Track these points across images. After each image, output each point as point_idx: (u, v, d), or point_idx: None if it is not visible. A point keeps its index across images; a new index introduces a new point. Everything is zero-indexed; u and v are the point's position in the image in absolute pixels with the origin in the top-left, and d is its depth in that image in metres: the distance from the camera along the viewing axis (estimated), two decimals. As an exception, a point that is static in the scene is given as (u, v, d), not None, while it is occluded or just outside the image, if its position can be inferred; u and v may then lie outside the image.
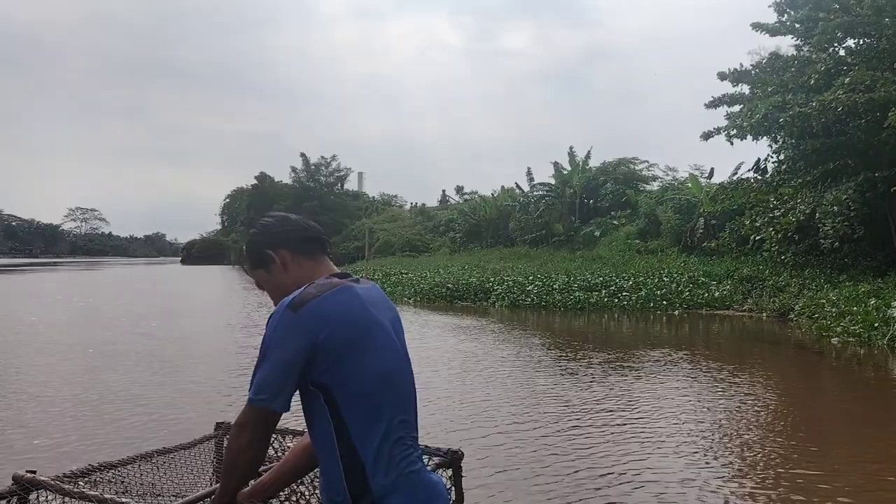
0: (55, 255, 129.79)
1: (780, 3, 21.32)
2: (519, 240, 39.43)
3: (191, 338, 14.52)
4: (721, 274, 22.57)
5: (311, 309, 1.63)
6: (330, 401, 1.64)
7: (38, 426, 7.08)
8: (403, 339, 1.85)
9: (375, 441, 1.64)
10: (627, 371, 10.71)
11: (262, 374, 1.63)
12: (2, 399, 8.33)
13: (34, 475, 1.78)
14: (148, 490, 1.96)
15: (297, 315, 1.62)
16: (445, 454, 2.24)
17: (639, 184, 38.94)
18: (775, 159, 22.81)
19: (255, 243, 1.85)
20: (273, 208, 68.72)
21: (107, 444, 6.34)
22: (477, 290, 24.84)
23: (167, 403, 8.20)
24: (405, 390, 1.76)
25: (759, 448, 6.54)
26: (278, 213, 1.91)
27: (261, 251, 1.83)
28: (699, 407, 8.29)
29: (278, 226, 1.85)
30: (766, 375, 10.57)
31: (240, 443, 1.63)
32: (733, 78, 22.04)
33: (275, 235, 1.83)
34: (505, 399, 8.60)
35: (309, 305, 1.63)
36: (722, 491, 5.32)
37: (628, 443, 6.59)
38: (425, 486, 1.71)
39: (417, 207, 69.05)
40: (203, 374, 10.32)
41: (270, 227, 1.85)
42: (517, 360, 11.72)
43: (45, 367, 10.55)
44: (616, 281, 23.11)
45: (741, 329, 17.23)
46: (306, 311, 1.63)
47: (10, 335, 14.24)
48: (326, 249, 1.89)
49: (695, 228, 27.57)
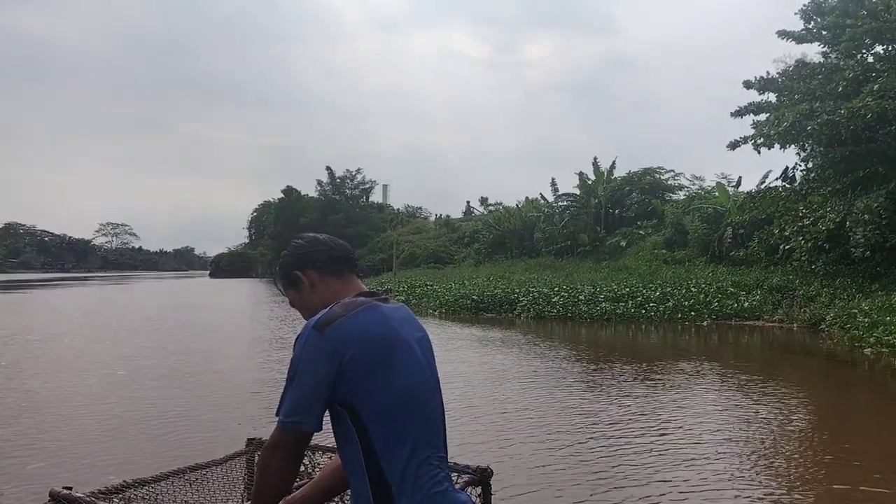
0: (86, 269, 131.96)
1: (806, 11, 21.13)
2: (544, 251, 39.28)
3: (219, 352, 14.67)
4: (750, 284, 22.28)
5: (337, 329, 1.66)
6: (356, 420, 1.65)
7: (70, 443, 7.20)
8: (432, 360, 1.86)
9: (401, 461, 1.65)
10: (656, 384, 10.62)
11: (291, 396, 1.66)
12: (34, 415, 8.48)
13: (70, 492, 1.82)
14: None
15: (323, 335, 1.65)
16: (474, 472, 2.23)
17: (665, 193, 38.65)
18: (804, 167, 22.55)
19: (285, 265, 1.91)
20: (299, 222, 69.69)
21: (139, 460, 6.43)
22: (502, 301, 24.78)
23: (198, 419, 8.30)
24: (432, 410, 1.77)
25: (795, 462, 6.45)
26: (309, 235, 1.97)
27: (290, 272, 1.89)
28: (730, 421, 8.18)
29: (306, 247, 1.91)
30: (798, 387, 10.41)
31: (273, 465, 1.65)
32: (759, 86, 21.85)
33: (302, 257, 1.89)
34: (533, 414, 8.56)
35: (334, 325, 1.66)
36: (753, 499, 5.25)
37: (660, 458, 6.52)
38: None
39: (442, 219, 69.15)
40: (232, 389, 10.42)
41: (299, 248, 1.92)
42: (544, 374, 11.67)
43: (76, 384, 10.72)
44: (643, 291, 22.92)
45: (771, 340, 16.99)
46: (332, 331, 1.65)
47: (41, 351, 14.50)
48: (354, 268, 1.93)
49: (723, 238, 27.28)
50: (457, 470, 2.13)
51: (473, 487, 2.17)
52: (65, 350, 14.49)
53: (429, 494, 1.66)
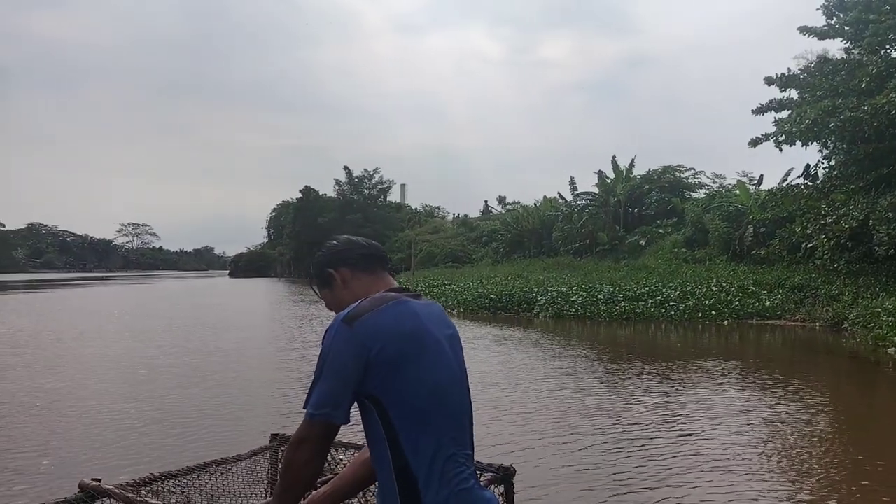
0: (108, 269, 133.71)
1: (828, 6, 20.90)
2: (562, 250, 39.18)
3: (241, 351, 14.77)
4: (772, 283, 22.05)
5: (365, 322, 1.66)
6: (382, 414, 1.66)
7: (98, 438, 7.30)
8: (461, 358, 1.86)
9: (427, 457, 1.65)
10: (678, 384, 10.54)
11: (319, 389, 1.66)
12: (59, 412, 8.60)
13: (99, 483, 1.84)
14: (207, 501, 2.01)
15: (352, 328, 1.66)
16: (497, 470, 2.23)
17: (685, 192, 38.40)
18: (826, 165, 22.31)
19: (319, 264, 1.94)
20: (317, 221, 70.06)
21: (164, 455, 6.50)
22: (520, 300, 24.73)
23: (221, 416, 8.38)
24: (459, 407, 1.77)
25: (817, 464, 6.38)
26: (342, 237, 2.00)
27: (323, 270, 1.92)
28: (752, 421, 8.11)
29: (338, 246, 1.94)
30: (820, 388, 10.29)
31: (301, 458, 1.65)
32: (781, 83, 21.64)
33: (335, 255, 1.92)
34: (554, 413, 8.54)
35: (363, 318, 1.67)
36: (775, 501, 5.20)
37: (682, 459, 6.48)
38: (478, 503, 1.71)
39: (460, 218, 69.27)
40: (255, 386, 10.50)
41: (332, 248, 1.95)
42: (564, 373, 11.64)
43: (100, 381, 10.87)
44: (663, 290, 22.77)
45: (793, 339, 16.82)
46: (360, 325, 1.66)
47: (66, 349, 14.70)
48: (386, 266, 1.95)
49: (744, 236, 27.04)
50: (479, 468, 2.13)
51: (496, 486, 2.17)
52: (89, 349, 14.68)
53: (455, 491, 1.66)
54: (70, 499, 1.85)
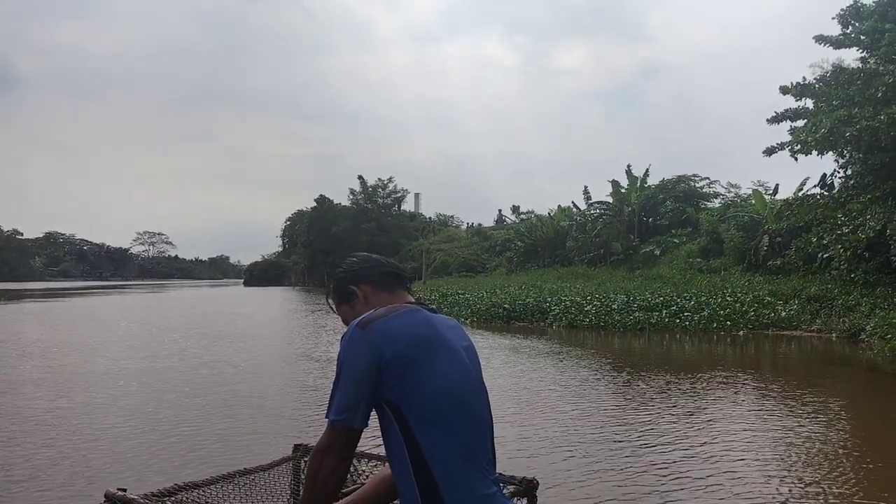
0: (124, 277, 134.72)
1: (844, 16, 20.82)
2: (576, 259, 39.08)
3: (260, 360, 14.85)
4: (787, 293, 21.90)
5: (380, 326, 1.70)
6: (400, 420, 1.68)
7: (119, 448, 7.39)
8: (479, 368, 1.88)
9: (448, 462, 1.66)
10: (695, 396, 10.50)
11: (339, 395, 1.69)
12: (82, 423, 8.70)
13: (125, 493, 1.88)
14: None
15: (365, 332, 1.69)
16: (520, 482, 2.21)
17: (700, 201, 38.21)
18: (842, 174, 22.14)
19: (340, 281, 1.98)
20: (332, 230, 70.30)
21: (185, 465, 6.57)
22: (534, 310, 24.71)
23: (242, 427, 8.45)
24: (479, 414, 1.78)
25: (835, 479, 6.34)
26: (361, 254, 2.05)
27: (345, 287, 1.96)
28: (770, 435, 8.07)
29: (360, 264, 1.99)
30: (837, 400, 10.21)
31: (327, 465, 1.68)
32: (796, 92, 21.55)
33: (356, 273, 1.96)
34: (573, 425, 8.53)
35: (376, 323, 1.71)
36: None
37: (702, 474, 6.46)
38: None
39: (474, 227, 69.24)
40: (275, 397, 10.57)
41: (353, 265, 1.99)
42: (581, 384, 11.62)
43: (120, 392, 10.97)
44: (677, 301, 22.67)
45: (810, 350, 16.69)
46: (373, 329, 1.70)
47: (87, 360, 14.84)
48: (405, 284, 1.99)
49: (759, 246, 26.87)
50: (502, 480, 2.10)
51: (519, 499, 2.15)
52: (107, 361, 14.81)
53: (478, 497, 1.67)
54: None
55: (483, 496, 1.68)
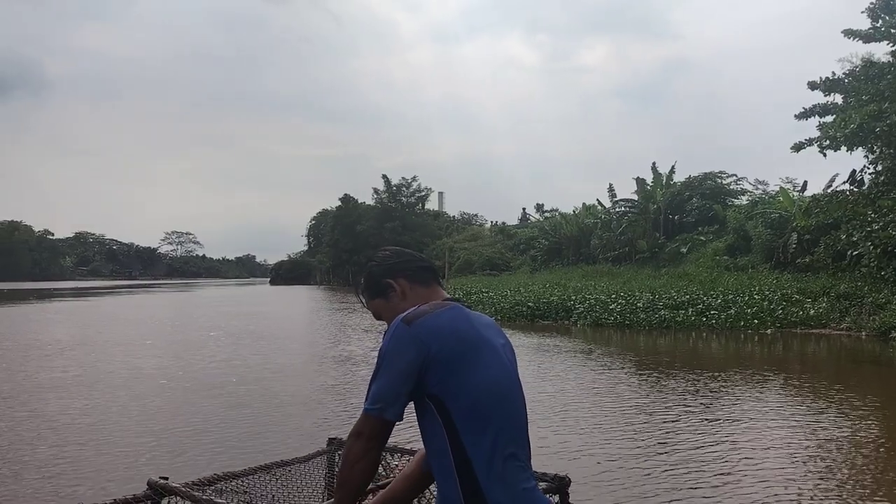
0: (153, 276, 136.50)
1: (873, 9, 20.46)
2: (601, 257, 38.89)
3: (290, 358, 15.01)
4: (816, 291, 21.61)
5: (424, 323, 1.72)
6: (443, 413, 1.70)
7: (159, 441, 7.56)
8: (515, 365, 1.91)
9: (488, 455, 1.68)
10: (723, 395, 10.44)
11: (377, 385, 1.72)
12: (124, 416, 8.90)
13: (167, 481, 1.96)
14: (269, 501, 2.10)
15: (411, 328, 1.71)
16: (552, 479, 2.23)
17: (726, 198, 37.80)
18: (872, 170, 21.80)
19: (375, 274, 1.96)
20: (356, 229, 70.66)
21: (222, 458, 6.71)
22: (558, 308, 24.66)
23: (277, 421, 8.61)
24: (517, 409, 1.81)
25: (864, 481, 6.29)
26: (393, 248, 2.04)
27: (380, 281, 1.95)
28: (799, 437, 8.01)
29: (395, 258, 1.98)
30: (868, 399, 10.06)
31: (357, 451, 1.72)
32: (825, 87, 21.24)
33: (392, 266, 1.95)
34: (601, 424, 8.54)
35: (422, 320, 1.73)
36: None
37: (729, 473, 6.45)
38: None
39: (497, 226, 69.12)
40: (310, 391, 10.70)
41: (388, 259, 1.98)
42: (607, 383, 11.60)
43: (161, 389, 11.18)
44: (704, 299, 22.48)
45: (839, 349, 16.47)
46: (419, 325, 1.71)
47: (125, 358, 15.11)
48: (438, 279, 2.00)
49: (787, 244, 26.55)
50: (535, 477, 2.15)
51: (551, 495, 2.16)
52: (143, 358, 15.07)
53: (517, 490, 1.70)
54: (139, 496, 1.96)
55: (522, 490, 1.71)
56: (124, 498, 1.92)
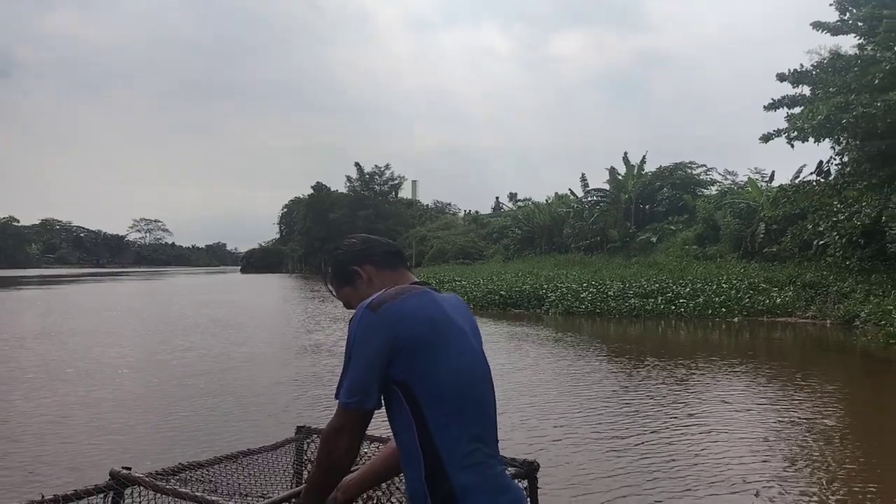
0: (121, 264, 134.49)
1: (841, 1, 20.73)
2: (573, 246, 39.13)
3: (259, 348, 14.89)
4: (782, 280, 21.98)
5: (390, 309, 1.69)
6: (410, 399, 1.68)
7: (123, 433, 7.44)
8: (482, 348, 1.89)
9: (455, 440, 1.67)
10: (690, 382, 10.58)
11: (351, 377, 1.69)
12: (86, 409, 8.75)
13: (130, 472, 1.91)
14: (235, 490, 2.06)
15: (377, 314, 1.68)
16: (521, 464, 2.23)
17: (696, 188, 38.24)
18: (838, 161, 22.17)
19: (341, 262, 1.94)
20: (329, 217, 70.22)
21: (187, 448, 6.62)
22: (530, 297, 24.78)
23: (244, 411, 8.52)
24: (485, 394, 1.80)
25: (829, 464, 6.41)
26: (359, 235, 2.01)
27: (346, 268, 1.92)
28: (764, 421, 8.15)
29: (360, 244, 1.95)
30: (832, 386, 10.28)
31: (340, 447, 1.69)
32: (793, 79, 21.49)
33: (358, 253, 1.93)
34: (572, 410, 8.60)
35: (388, 305, 1.69)
36: (794, 498, 5.25)
37: (698, 456, 6.55)
38: (507, 490, 1.73)
39: (471, 215, 69.20)
40: (275, 382, 10.61)
41: (353, 246, 1.96)
42: (578, 370, 11.69)
43: (121, 380, 11.01)
44: (673, 287, 22.75)
45: (804, 337, 16.78)
46: (385, 311, 1.68)
47: (90, 348, 14.87)
48: (406, 263, 1.98)
49: (755, 233, 26.94)
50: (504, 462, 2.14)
51: (520, 480, 2.16)
52: (108, 347, 14.84)
53: (484, 475, 1.69)
54: (101, 486, 1.90)
55: (491, 476, 1.70)
56: (85, 488, 1.87)
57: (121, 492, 1.91)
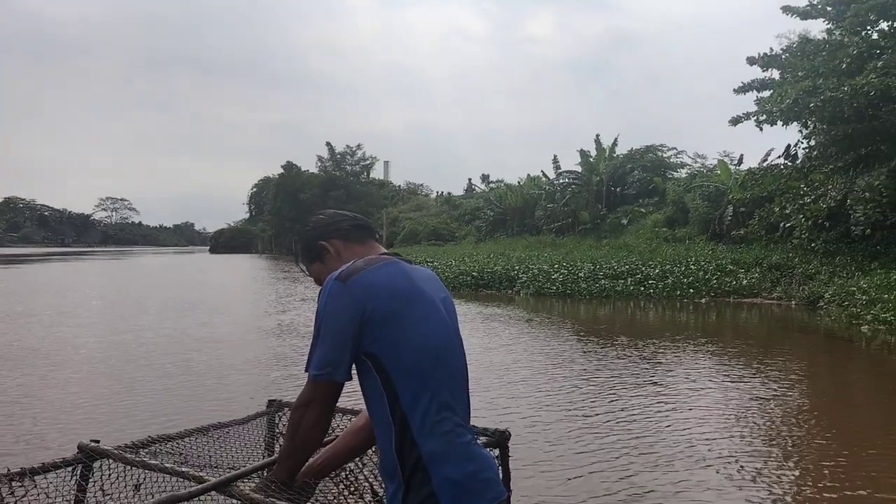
0: (86, 244, 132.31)
1: (811, -14, 20.94)
2: (545, 228, 39.33)
3: (229, 326, 14.77)
4: (749, 262, 22.35)
5: (359, 280, 1.68)
6: (380, 370, 1.67)
7: (92, 409, 7.33)
8: (455, 320, 1.89)
9: (425, 411, 1.67)
10: (660, 360, 10.72)
11: (321, 350, 1.68)
12: (53, 388, 8.60)
13: (98, 444, 1.88)
14: (206, 462, 2.05)
15: (346, 285, 1.67)
16: (493, 434, 2.25)
17: (667, 171, 38.59)
18: (806, 145, 22.53)
19: (308, 238, 1.94)
20: (300, 197, 69.66)
21: (158, 422, 6.54)
22: (502, 278, 24.89)
23: (215, 386, 8.44)
24: (456, 365, 1.80)
25: (794, 441, 6.55)
26: (327, 210, 2.01)
27: (314, 244, 1.92)
28: (729, 397, 8.30)
29: (327, 219, 1.96)
30: (795, 364, 10.50)
31: (309, 420, 1.68)
32: (763, 63, 21.75)
33: (325, 227, 1.93)
34: (544, 386, 8.66)
35: (357, 276, 1.68)
36: (755, 471, 5.36)
37: (665, 430, 6.65)
38: (476, 458, 1.73)
39: (443, 196, 69.15)
40: (246, 357, 10.53)
41: (320, 221, 1.96)
42: (549, 349, 11.78)
43: (89, 358, 10.85)
44: (642, 269, 23.01)
45: (770, 317, 17.09)
46: (354, 282, 1.67)
47: (54, 329, 14.62)
48: (374, 235, 1.98)
49: (723, 216, 27.30)
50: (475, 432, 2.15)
51: (491, 450, 2.18)
52: (73, 327, 14.60)
53: (454, 444, 1.69)
54: (69, 459, 1.87)
55: (460, 444, 1.71)
56: (53, 461, 1.84)
57: (89, 465, 1.87)
